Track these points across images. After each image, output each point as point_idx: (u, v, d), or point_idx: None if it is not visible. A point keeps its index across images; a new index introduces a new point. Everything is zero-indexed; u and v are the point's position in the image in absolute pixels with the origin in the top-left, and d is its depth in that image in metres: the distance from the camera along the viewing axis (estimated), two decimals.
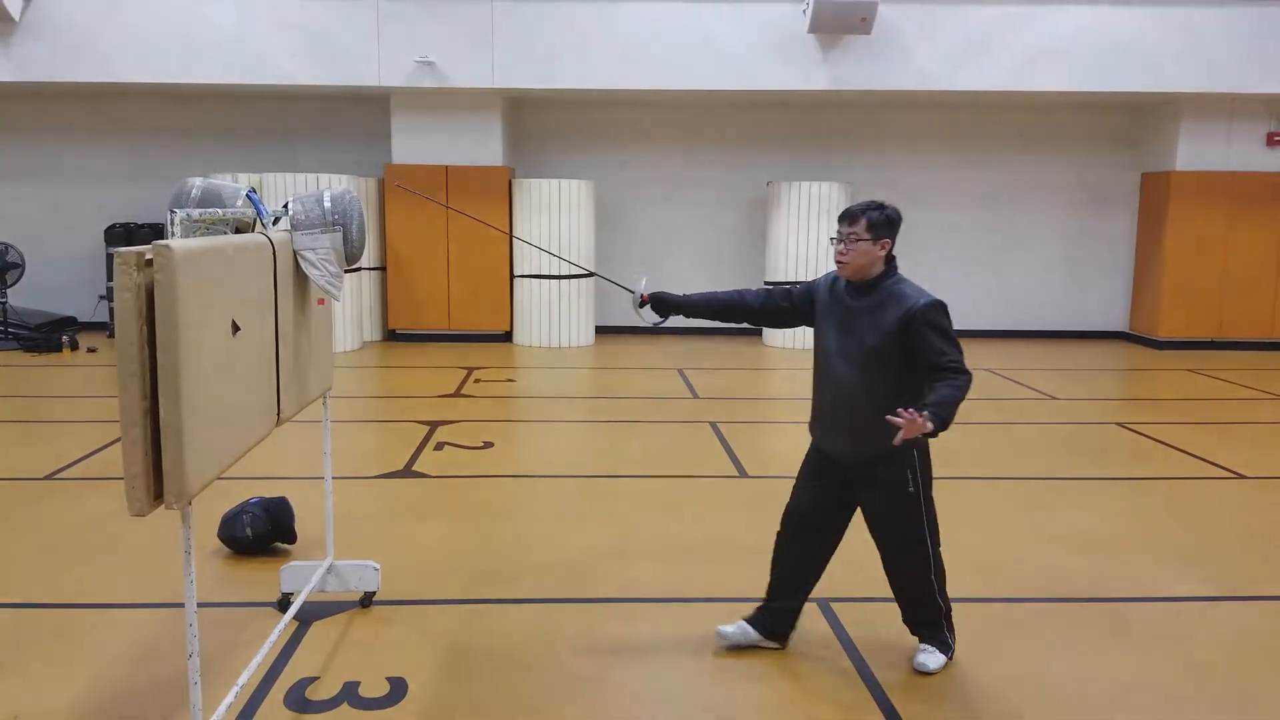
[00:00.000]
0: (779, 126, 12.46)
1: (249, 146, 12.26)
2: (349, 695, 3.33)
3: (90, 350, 10.75)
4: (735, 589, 4.29)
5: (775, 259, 11.78)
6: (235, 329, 2.77)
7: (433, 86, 10.85)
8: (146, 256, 2.38)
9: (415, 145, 11.49)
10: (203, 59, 10.64)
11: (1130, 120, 12.50)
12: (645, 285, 3.75)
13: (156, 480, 2.44)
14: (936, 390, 3.15)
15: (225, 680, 3.31)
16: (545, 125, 12.48)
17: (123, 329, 2.38)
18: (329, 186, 3.61)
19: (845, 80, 10.79)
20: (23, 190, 12.32)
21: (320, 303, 3.69)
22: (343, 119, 12.28)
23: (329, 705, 3.27)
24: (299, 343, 3.44)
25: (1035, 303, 12.82)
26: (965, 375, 3.21)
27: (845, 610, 4.03)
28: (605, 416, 8.20)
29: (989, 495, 5.83)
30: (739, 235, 12.63)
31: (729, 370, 10.33)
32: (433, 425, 7.38)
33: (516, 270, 11.69)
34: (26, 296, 11.80)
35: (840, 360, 3.42)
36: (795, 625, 3.75)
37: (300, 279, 3.45)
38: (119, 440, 2.44)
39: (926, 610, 3.58)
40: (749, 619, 3.73)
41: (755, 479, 6.12)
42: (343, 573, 4.06)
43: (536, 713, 3.28)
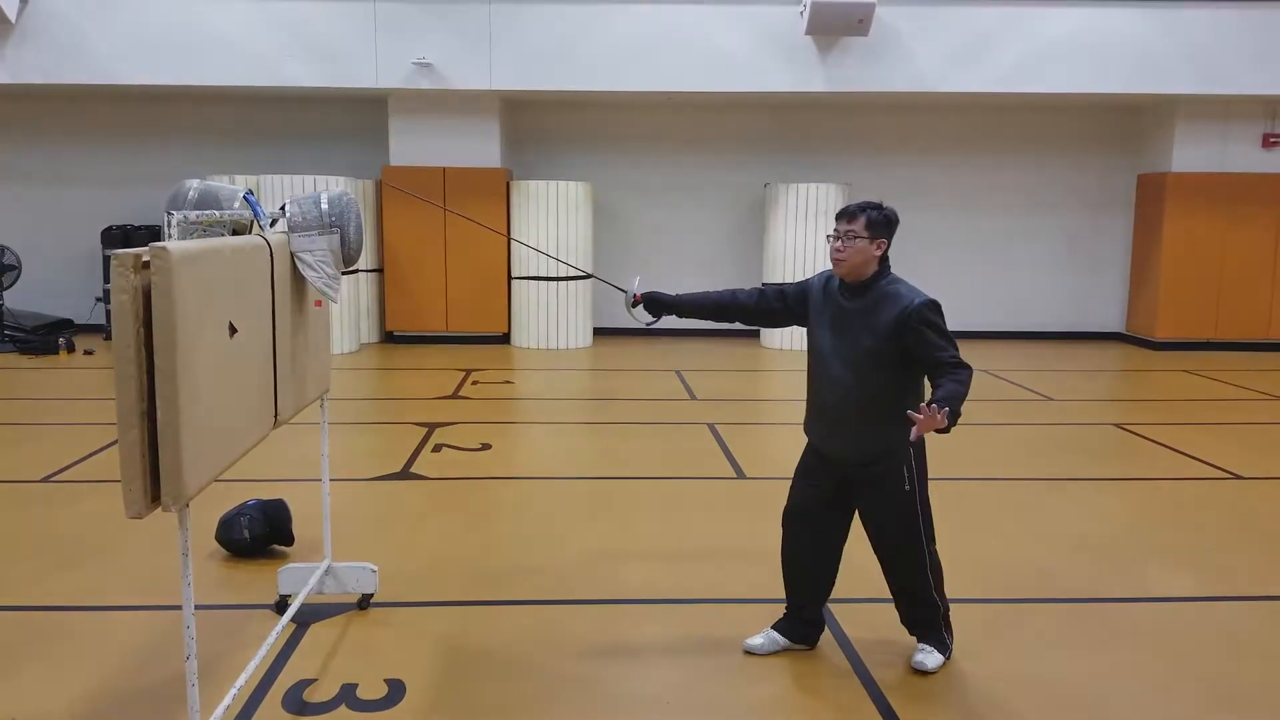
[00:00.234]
0: (777, 128, 12.47)
1: (246, 148, 12.25)
2: (347, 697, 3.34)
3: (87, 352, 10.74)
4: (733, 590, 4.30)
5: (773, 260, 11.79)
6: (232, 331, 2.77)
7: (430, 88, 10.86)
8: (143, 258, 2.38)
9: (413, 147, 11.50)
10: (200, 61, 10.64)
11: (1126, 122, 12.52)
12: (638, 285, 3.76)
13: (154, 483, 2.44)
14: (943, 386, 3.16)
15: (223, 682, 3.31)
16: (543, 127, 12.48)
17: (120, 331, 2.38)
18: (326, 188, 3.62)
19: (843, 82, 10.81)
20: (19, 192, 12.31)
21: (318, 304, 3.69)
22: (340, 121, 12.28)
23: (327, 707, 3.27)
24: (296, 345, 3.45)
25: (1032, 304, 12.84)
26: (966, 369, 3.23)
27: (843, 611, 4.03)
28: (603, 418, 8.20)
29: (986, 496, 5.83)
30: (737, 236, 12.64)
31: (727, 372, 10.34)
32: (430, 427, 7.38)
33: (514, 272, 11.69)
34: (23, 299, 11.79)
35: (835, 361, 3.43)
36: (823, 627, 3.76)
37: (298, 281, 3.45)
38: (116, 443, 2.44)
39: (924, 609, 3.59)
40: (776, 626, 3.73)
41: (753, 480, 6.12)
42: (340, 575, 4.06)
43: (534, 714, 3.28)
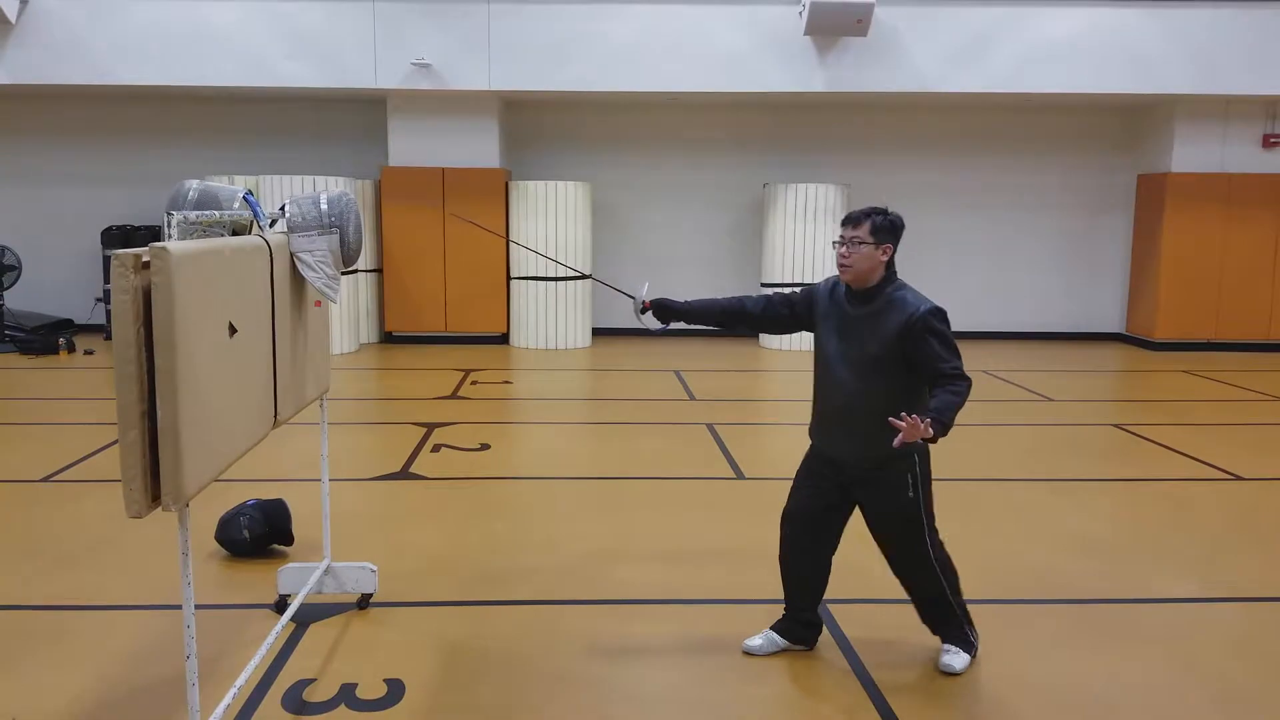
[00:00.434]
0: (775, 128, 12.47)
1: (245, 149, 12.25)
2: (346, 697, 3.34)
3: (87, 352, 10.74)
4: (732, 590, 4.30)
5: (771, 261, 11.80)
6: (232, 331, 2.77)
7: (429, 89, 10.86)
8: (144, 259, 2.39)
9: (412, 147, 11.50)
10: (199, 61, 10.64)
11: (1126, 122, 12.53)
12: (647, 291, 3.76)
13: (154, 482, 2.44)
14: (937, 396, 3.21)
15: (223, 682, 3.32)
16: (542, 127, 12.48)
17: (120, 331, 2.38)
18: (326, 189, 3.62)
19: (841, 82, 10.81)
20: (20, 192, 12.31)
21: (317, 305, 3.70)
22: (339, 121, 12.28)
23: (326, 707, 3.28)
24: (296, 345, 3.45)
25: (1031, 304, 12.84)
26: (965, 381, 3.25)
27: (843, 611, 4.04)
28: (602, 418, 8.20)
29: (986, 497, 5.83)
30: (735, 237, 12.64)
31: (726, 372, 10.34)
32: (429, 427, 7.38)
33: (513, 272, 11.70)
34: (23, 299, 11.79)
35: (841, 366, 3.44)
36: (821, 627, 3.76)
37: (297, 281, 3.45)
38: (116, 442, 2.45)
39: (940, 609, 3.60)
40: (775, 627, 3.74)
41: (752, 481, 6.12)
42: (340, 574, 4.06)
43: (533, 714, 3.28)
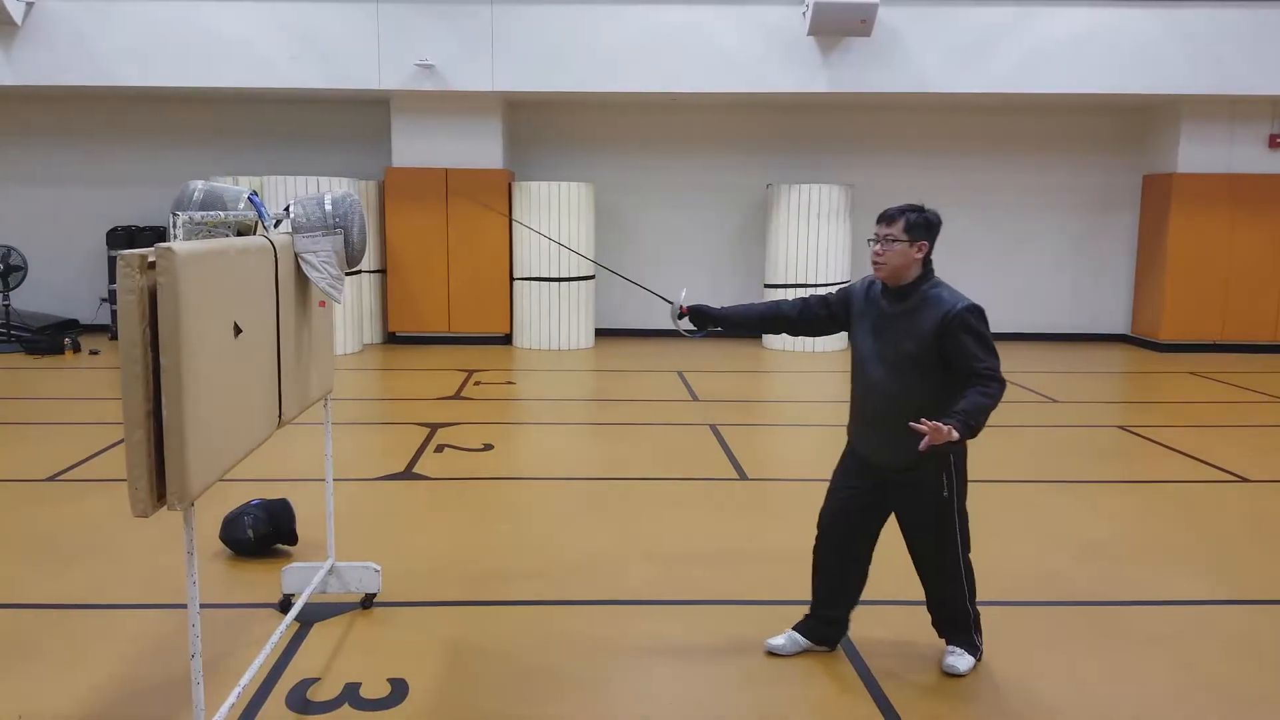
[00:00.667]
0: (779, 129, 12.47)
1: (250, 150, 12.28)
2: (350, 696, 3.34)
3: (92, 352, 10.77)
4: (735, 592, 4.30)
5: (775, 261, 11.79)
6: (237, 331, 2.78)
7: (433, 90, 10.88)
8: (149, 259, 2.39)
9: (416, 148, 11.51)
10: (204, 63, 10.67)
11: (1131, 122, 12.50)
12: (685, 297, 3.79)
13: (159, 482, 2.45)
14: (967, 397, 3.16)
15: (227, 681, 3.32)
16: (545, 128, 12.49)
17: (125, 331, 2.39)
18: (330, 189, 3.63)
19: (845, 82, 10.80)
20: (25, 193, 12.35)
21: (321, 305, 3.70)
22: (343, 122, 12.30)
23: (330, 706, 3.28)
24: (300, 345, 3.46)
25: (1036, 305, 12.82)
26: (999, 383, 3.21)
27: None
28: (605, 419, 8.21)
29: (991, 498, 5.82)
30: (739, 237, 12.64)
31: (728, 373, 10.33)
32: (433, 427, 7.39)
33: (516, 273, 11.71)
34: (29, 299, 11.82)
35: (877, 364, 3.41)
36: (846, 630, 3.74)
37: (301, 281, 3.46)
38: (121, 442, 2.45)
39: (955, 613, 3.59)
40: (797, 627, 3.72)
41: (755, 481, 6.12)
42: (344, 574, 4.07)
43: (536, 714, 3.28)
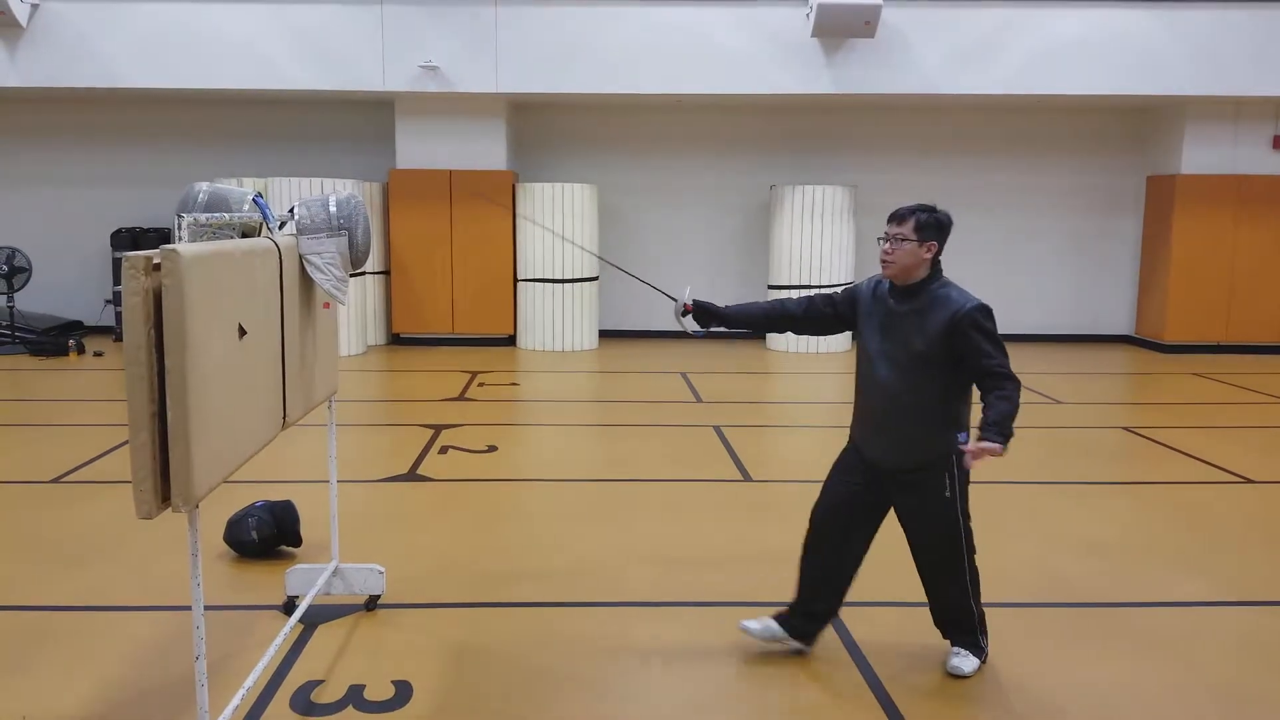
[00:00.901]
0: (782, 130, 12.46)
1: (255, 151, 12.30)
2: (354, 698, 3.34)
3: (97, 354, 10.78)
4: (739, 593, 4.30)
5: (778, 262, 11.78)
6: (242, 333, 2.78)
7: (437, 91, 10.89)
8: (154, 261, 2.39)
9: (420, 150, 11.52)
10: (208, 65, 10.68)
11: (1135, 123, 12.48)
12: (689, 294, 3.77)
13: (164, 484, 2.45)
14: (993, 408, 3.16)
15: (231, 683, 3.32)
16: (549, 129, 12.49)
17: (130, 333, 2.39)
18: (334, 191, 3.63)
19: (848, 83, 10.79)
20: (30, 195, 12.37)
21: (326, 306, 3.71)
22: (348, 124, 12.31)
23: (334, 708, 3.28)
24: (304, 346, 3.46)
25: (1040, 306, 12.79)
26: (1014, 381, 3.21)
27: (850, 613, 4.02)
28: (609, 420, 8.20)
29: (994, 499, 5.80)
30: (742, 239, 12.63)
31: (732, 374, 10.33)
32: (437, 429, 7.39)
33: (520, 274, 11.71)
34: (33, 300, 11.83)
35: (884, 364, 3.39)
36: (826, 624, 3.71)
37: (306, 283, 3.46)
38: (126, 444, 2.45)
39: (959, 614, 3.58)
40: (776, 617, 3.68)
41: (759, 483, 6.12)
42: (348, 576, 4.07)
43: (540, 715, 3.28)
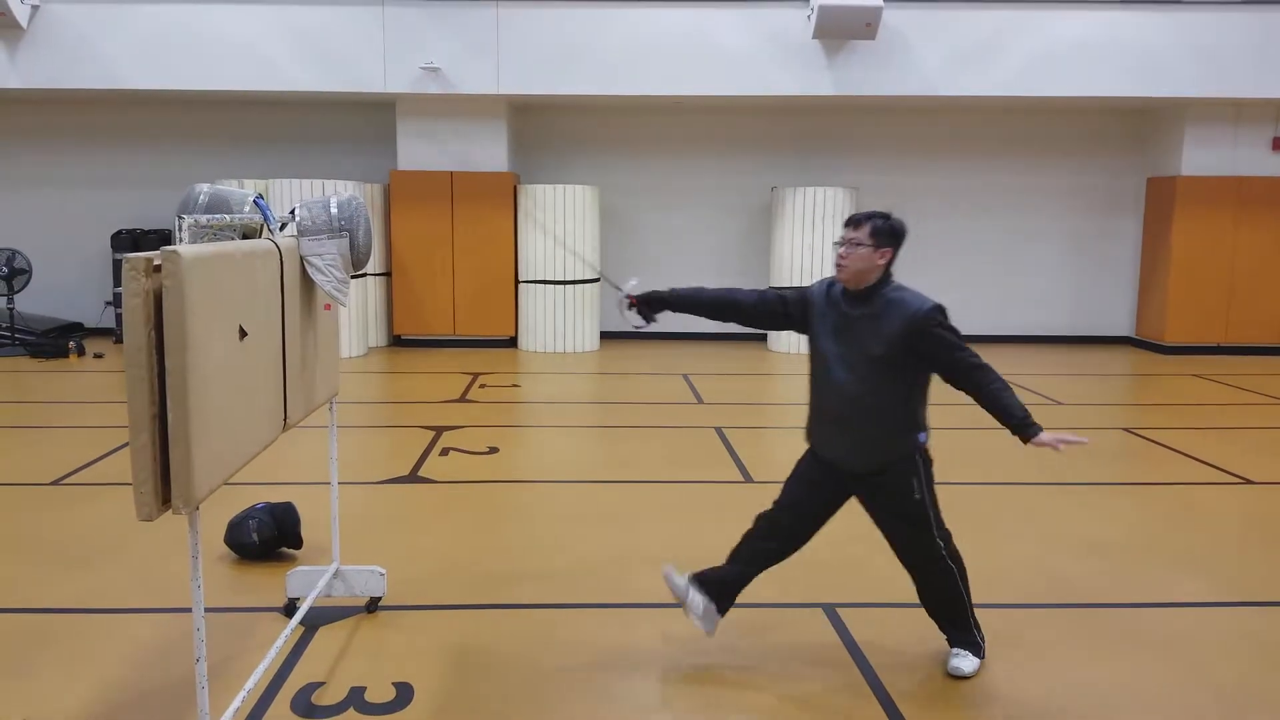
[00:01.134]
0: (783, 131, 12.46)
1: (255, 153, 12.30)
2: (355, 700, 3.34)
3: (97, 356, 10.78)
4: (742, 595, 4.28)
5: (780, 264, 11.79)
6: (242, 334, 2.78)
7: (438, 93, 10.89)
8: (155, 262, 2.39)
9: (421, 151, 11.52)
10: (209, 66, 10.69)
11: (1136, 125, 12.49)
12: (634, 286, 3.67)
13: (164, 485, 2.45)
14: (1000, 399, 3.23)
15: (232, 685, 3.32)
16: (550, 131, 12.50)
17: (131, 334, 2.39)
18: (335, 192, 3.63)
19: (850, 85, 10.80)
20: (30, 196, 12.38)
21: (327, 308, 3.71)
22: (349, 125, 12.32)
23: (335, 710, 3.28)
24: (305, 348, 3.46)
25: (1040, 308, 12.79)
26: (991, 369, 3.29)
27: (851, 615, 4.03)
28: (610, 422, 8.20)
29: (994, 500, 5.82)
30: (743, 240, 12.63)
31: (734, 375, 10.33)
32: (438, 431, 7.39)
33: (521, 276, 11.71)
34: (33, 302, 11.84)
35: (840, 367, 3.41)
36: (733, 602, 3.69)
37: (307, 285, 3.46)
38: (126, 445, 2.45)
39: (953, 607, 3.59)
40: (699, 577, 3.68)
41: (761, 484, 6.11)
42: (349, 578, 4.07)
43: (542, 717, 3.27)
